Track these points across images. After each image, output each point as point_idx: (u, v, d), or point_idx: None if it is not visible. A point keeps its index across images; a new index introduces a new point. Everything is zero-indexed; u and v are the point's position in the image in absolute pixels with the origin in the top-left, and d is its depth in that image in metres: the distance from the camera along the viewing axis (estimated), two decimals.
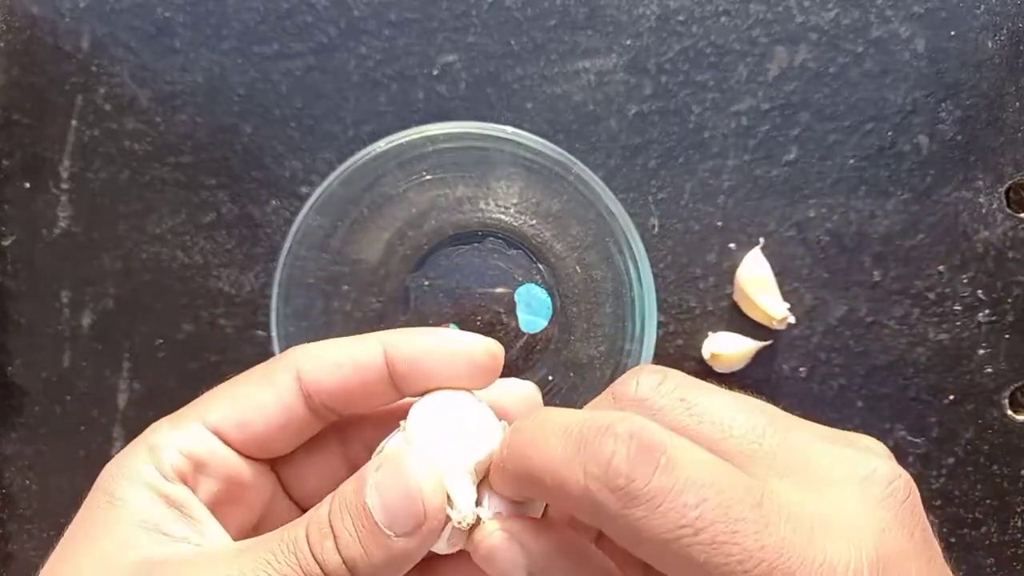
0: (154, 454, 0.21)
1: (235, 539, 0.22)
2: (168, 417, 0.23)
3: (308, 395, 0.22)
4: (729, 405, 0.20)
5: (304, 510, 0.22)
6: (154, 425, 0.22)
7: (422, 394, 0.23)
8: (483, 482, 0.22)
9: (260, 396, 0.22)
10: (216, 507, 0.22)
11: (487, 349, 0.22)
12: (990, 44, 0.37)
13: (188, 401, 0.25)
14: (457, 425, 0.22)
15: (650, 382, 0.20)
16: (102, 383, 0.38)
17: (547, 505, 0.22)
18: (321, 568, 0.19)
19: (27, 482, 0.39)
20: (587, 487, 0.17)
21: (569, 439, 0.18)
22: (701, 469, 0.17)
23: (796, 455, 0.19)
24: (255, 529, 0.23)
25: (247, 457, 0.23)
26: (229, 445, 0.22)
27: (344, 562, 0.19)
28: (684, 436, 0.18)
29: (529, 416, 0.20)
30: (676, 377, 0.20)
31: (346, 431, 0.24)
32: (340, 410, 0.23)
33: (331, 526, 0.20)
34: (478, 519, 0.21)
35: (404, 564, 0.20)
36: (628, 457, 0.17)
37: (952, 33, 0.37)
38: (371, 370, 0.22)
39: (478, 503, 0.21)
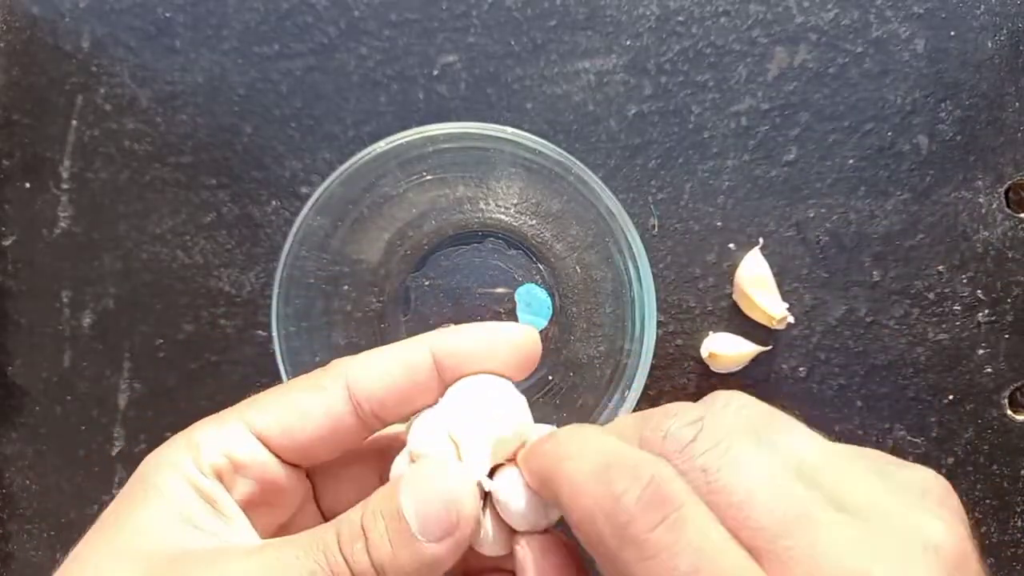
0: (194, 449, 0.22)
1: (262, 539, 0.22)
2: (213, 416, 0.23)
3: (358, 403, 0.22)
4: (757, 484, 0.17)
5: (328, 519, 0.22)
6: (198, 423, 0.23)
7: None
8: (499, 467, 0.22)
9: (308, 404, 0.22)
10: (248, 507, 0.22)
11: (528, 338, 0.23)
12: (990, 44, 0.37)
13: (188, 401, 0.25)
14: (483, 401, 0.22)
15: (679, 439, 0.18)
16: (102, 383, 0.38)
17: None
18: (350, 568, 0.19)
19: (27, 482, 0.39)
20: (592, 512, 0.17)
21: (598, 462, 0.18)
22: (707, 543, 0.16)
23: (817, 570, 0.16)
24: (281, 530, 0.23)
25: (286, 463, 0.23)
26: (271, 450, 0.22)
27: (372, 564, 0.19)
28: None
29: (572, 429, 0.20)
30: (710, 436, 0.18)
31: (386, 444, 0.25)
32: (388, 417, 0.23)
33: (363, 528, 0.20)
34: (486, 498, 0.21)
35: (433, 572, 0.20)
36: (638, 499, 0.17)
37: (952, 33, 0.37)
38: (420, 372, 0.23)
39: (491, 477, 0.22)
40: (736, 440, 0.18)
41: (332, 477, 0.24)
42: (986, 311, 0.37)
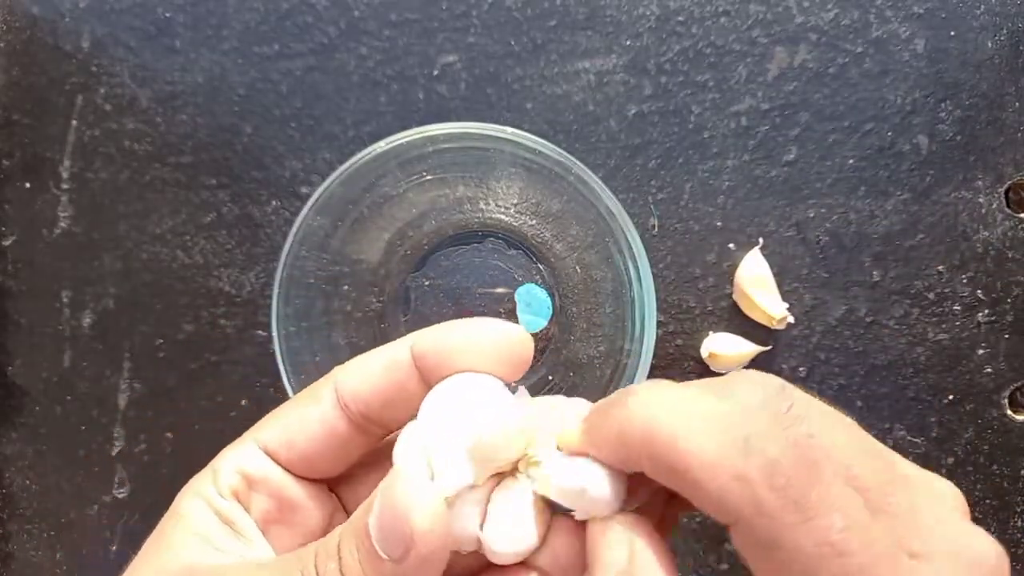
0: (215, 473, 0.22)
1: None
2: (235, 441, 0.23)
3: (345, 406, 0.22)
4: (855, 448, 0.19)
5: None
6: (224, 449, 0.23)
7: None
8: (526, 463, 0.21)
9: (305, 414, 0.22)
10: (267, 525, 0.22)
11: (514, 334, 0.22)
12: (990, 44, 0.37)
13: (188, 401, 0.25)
14: (461, 403, 0.21)
15: (778, 407, 0.19)
16: (102, 383, 0.38)
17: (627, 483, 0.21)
18: None
19: (27, 482, 0.39)
20: (745, 475, 0.17)
21: (725, 432, 0.18)
22: (846, 501, 0.17)
23: (920, 526, 0.18)
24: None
25: (299, 477, 0.23)
26: (280, 464, 0.22)
27: None
28: None
29: (652, 390, 0.19)
30: (802, 405, 0.19)
31: None
32: (378, 419, 0.23)
33: (338, 548, 0.20)
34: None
35: None
36: (794, 462, 0.17)
37: (952, 33, 0.37)
38: (400, 369, 0.22)
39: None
40: (819, 411, 0.19)
41: (355, 488, 0.24)
42: (986, 311, 0.37)
